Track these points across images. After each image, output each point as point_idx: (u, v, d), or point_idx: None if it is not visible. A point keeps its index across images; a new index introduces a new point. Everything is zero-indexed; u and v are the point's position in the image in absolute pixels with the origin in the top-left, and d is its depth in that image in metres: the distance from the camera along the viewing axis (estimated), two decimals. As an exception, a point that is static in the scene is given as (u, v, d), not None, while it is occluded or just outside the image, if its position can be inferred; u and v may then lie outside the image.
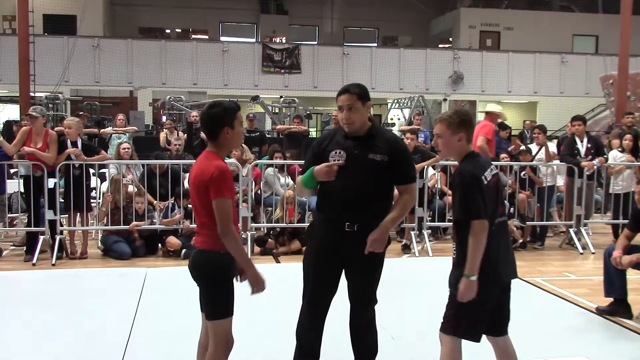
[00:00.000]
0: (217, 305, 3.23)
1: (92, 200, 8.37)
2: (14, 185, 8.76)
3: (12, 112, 21.05)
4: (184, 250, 7.71)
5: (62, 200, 7.90)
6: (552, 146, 8.98)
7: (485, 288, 3.17)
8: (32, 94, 15.30)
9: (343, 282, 3.68)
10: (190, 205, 7.84)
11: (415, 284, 6.57)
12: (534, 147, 9.24)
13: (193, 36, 29.71)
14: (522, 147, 9.25)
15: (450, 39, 29.96)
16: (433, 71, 25.48)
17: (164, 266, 7.37)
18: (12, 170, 8.73)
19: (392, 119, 22.94)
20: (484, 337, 3.33)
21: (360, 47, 27.01)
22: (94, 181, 8.67)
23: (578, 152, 8.66)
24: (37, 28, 19.91)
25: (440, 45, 29.97)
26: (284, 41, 28.12)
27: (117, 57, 23.33)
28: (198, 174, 3.21)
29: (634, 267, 5.26)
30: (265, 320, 4.93)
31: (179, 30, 30.82)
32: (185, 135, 11.88)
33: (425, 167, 8.39)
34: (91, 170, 8.18)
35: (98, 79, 23.30)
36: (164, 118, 18.73)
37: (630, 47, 16.04)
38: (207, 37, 29.41)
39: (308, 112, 18.43)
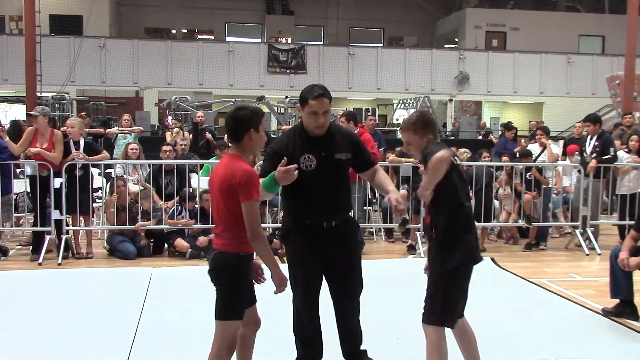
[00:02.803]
0: (230, 306, 3.25)
1: (97, 200, 8.38)
2: (20, 185, 8.80)
3: (19, 112, 21.13)
4: (189, 251, 7.73)
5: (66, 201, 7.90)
6: (558, 147, 8.91)
7: (466, 271, 3.39)
8: (38, 94, 15.32)
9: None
10: (197, 206, 7.88)
11: (421, 284, 6.47)
12: (535, 147, 9.20)
13: (199, 36, 29.77)
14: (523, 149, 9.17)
15: (456, 39, 29.91)
16: (439, 71, 25.45)
17: (169, 266, 7.38)
18: (18, 170, 8.76)
19: (397, 120, 22.94)
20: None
21: (366, 48, 27.00)
22: (99, 181, 8.69)
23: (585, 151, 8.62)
24: (44, 28, 20.01)
25: (446, 46, 29.92)
26: (289, 41, 28.14)
27: (123, 58, 23.42)
28: (225, 177, 3.20)
29: (640, 268, 5.24)
30: (270, 319, 4.93)
31: (185, 31, 30.88)
32: (191, 135, 11.89)
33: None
34: (97, 171, 8.18)
35: (104, 79, 23.39)
36: (169, 118, 18.75)
37: (636, 47, 15.96)
38: (212, 37, 29.46)
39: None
